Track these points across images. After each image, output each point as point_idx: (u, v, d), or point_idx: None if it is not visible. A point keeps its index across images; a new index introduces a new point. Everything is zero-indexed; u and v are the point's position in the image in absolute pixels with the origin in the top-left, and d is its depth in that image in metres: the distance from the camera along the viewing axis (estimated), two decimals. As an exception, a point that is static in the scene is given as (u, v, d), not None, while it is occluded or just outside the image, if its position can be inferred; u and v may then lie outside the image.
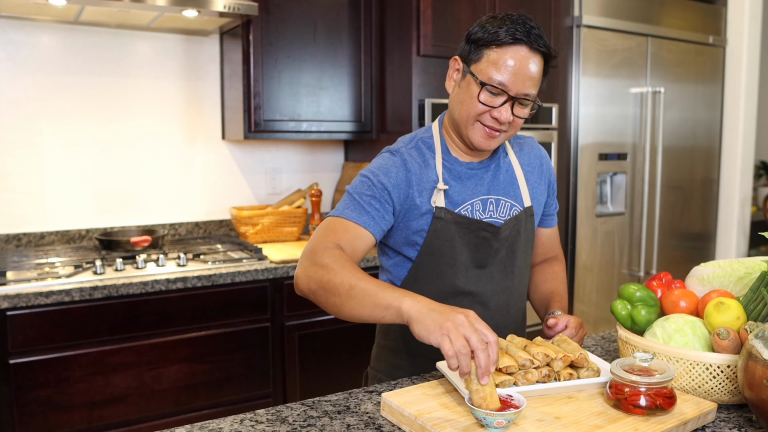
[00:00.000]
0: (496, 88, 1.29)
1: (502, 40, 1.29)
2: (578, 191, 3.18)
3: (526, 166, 1.49)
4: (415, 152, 1.40)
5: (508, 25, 1.29)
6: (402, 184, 1.35)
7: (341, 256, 1.20)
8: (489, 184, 1.42)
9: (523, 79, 1.29)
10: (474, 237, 1.39)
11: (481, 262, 1.40)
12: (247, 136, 2.63)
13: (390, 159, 1.38)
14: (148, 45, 2.77)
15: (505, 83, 1.29)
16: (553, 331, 1.37)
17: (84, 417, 2.11)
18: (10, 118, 2.55)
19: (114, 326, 2.13)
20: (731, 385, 1.14)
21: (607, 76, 3.23)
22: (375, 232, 1.32)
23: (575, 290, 3.22)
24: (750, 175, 3.90)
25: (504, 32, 1.28)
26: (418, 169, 1.37)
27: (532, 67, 1.29)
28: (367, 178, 1.35)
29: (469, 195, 1.40)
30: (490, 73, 1.29)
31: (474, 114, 1.33)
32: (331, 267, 1.17)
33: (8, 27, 2.51)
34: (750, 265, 1.32)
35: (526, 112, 1.34)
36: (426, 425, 1.03)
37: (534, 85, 1.31)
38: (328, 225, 1.30)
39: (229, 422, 1.12)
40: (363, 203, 1.32)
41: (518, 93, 1.30)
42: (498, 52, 1.29)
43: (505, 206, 1.43)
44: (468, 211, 1.39)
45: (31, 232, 2.61)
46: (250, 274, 2.33)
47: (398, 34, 2.73)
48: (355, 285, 1.13)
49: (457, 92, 1.37)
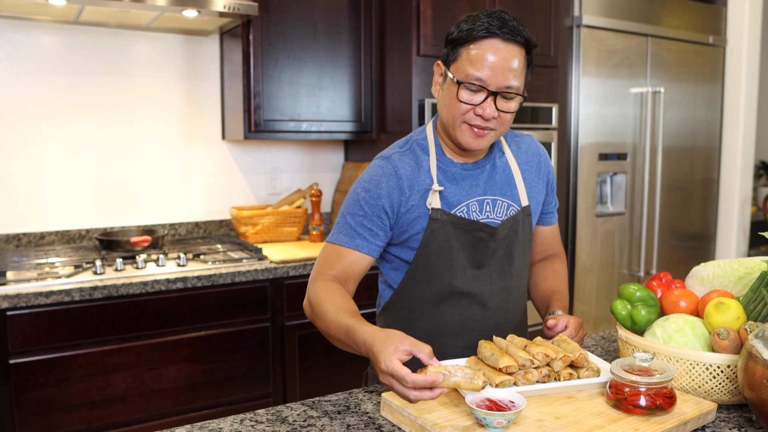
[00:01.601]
0: (475, 85, 1.28)
1: (475, 35, 1.27)
2: (578, 191, 3.18)
3: (523, 164, 1.47)
4: (408, 155, 1.39)
5: (482, 20, 1.28)
6: (394, 192, 1.35)
7: (327, 297, 1.28)
8: (485, 184, 1.41)
9: (502, 72, 1.27)
10: (471, 238, 1.38)
11: (479, 262, 1.40)
12: (247, 136, 2.63)
13: (380, 168, 1.37)
14: (148, 45, 2.77)
15: (483, 78, 1.27)
16: (553, 332, 1.37)
17: (84, 417, 2.11)
18: (10, 118, 2.55)
19: (114, 326, 2.13)
20: (731, 385, 1.14)
21: (607, 76, 3.23)
22: (371, 253, 1.36)
23: (575, 290, 3.22)
24: (750, 175, 3.90)
25: (477, 27, 1.27)
26: (411, 173, 1.37)
27: (510, 59, 1.27)
28: (359, 195, 1.36)
29: (464, 196, 1.38)
30: (467, 70, 1.28)
31: (458, 114, 1.31)
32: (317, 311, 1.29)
33: (8, 27, 2.51)
34: (750, 265, 1.32)
35: (512, 105, 1.32)
36: (426, 425, 1.03)
37: (515, 77, 1.29)
38: (325, 254, 1.38)
39: (229, 422, 1.12)
40: (355, 225, 1.35)
41: (499, 87, 1.28)
42: (473, 47, 1.28)
43: (502, 206, 1.41)
44: (464, 212, 1.38)
45: (31, 232, 2.61)
46: (250, 274, 2.33)
47: (398, 34, 2.73)
48: (329, 332, 1.25)
49: (442, 96, 1.36)
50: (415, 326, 1.41)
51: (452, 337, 1.40)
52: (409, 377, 1.00)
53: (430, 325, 1.41)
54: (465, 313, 1.40)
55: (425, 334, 1.40)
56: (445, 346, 1.40)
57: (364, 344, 1.12)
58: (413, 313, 1.42)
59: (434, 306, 1.40)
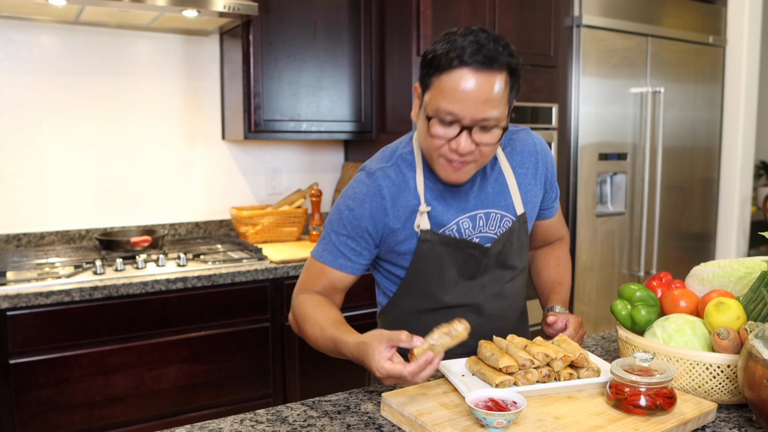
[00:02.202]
0: (446, 120, 1.17)
1: (443, 65, 1.15)
2: (578, 191, 3.18)
3: (518, 168, 1.39)
4: (393, 172, 1.31)
5: (457, 42, 1.15)
6: (378, 214, 1.29)
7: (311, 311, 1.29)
8: (476, 198, 1.34)
9: (476, 104, 1.15)
10: (462, 254, 1.34)
11: (471, 274, 1.37)
12: (247, 136, 2.63)
13: (365, 186, 1.31)
14: (148, 45, 2.77)
15: (455, 112, 1.16)
16: (552, 329, 1.37)
17: (84, 417, 2.11)
18: (10, 118, 2.55)
19: (114, 326, 2.13)
20: (731, 385, 1.14)
21: (607, 76, 3.23)
22: (354, 272, 1.34)
23: (575, 290, 3.22)
24: (750, 175, 3.90)
25: (450, 54, 1.15)
26: (396, 192, 1.30)
27: (486, 89, 1.14)
28: (342, 213, 1.31)
29: (454, 214, 1.32)
30: (439, 103, 1.17)
31: (433, 149, 1.22)
32: (302, 327, 1.30)
33: (8, 27, 2.51)
34: (750, 265, 1.32)
35: (491, 137, 1.19)
36: (426, 425, 1.03)
37: (493, 107, 1.16)
38: (309, 269, 1.37)
39: (229, 422, 1.12)
40: (339, 244, 1.32)
41: (475, 120, 1.16)
42: (444, 77, 1.16)
43: (496, 218, 1.36)
44: (454, 230, 1.32)
45: (31, 232, 2.61)
46: (250, 274, 2.33)
47: (398, 34, 2.73)
48: (318, 345, 1.27)
49: (419, 124, 1.26)
50: (411, 331, 1.41)
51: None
52: (406, 371, 1.06)
53: (426, 332, 1.40)
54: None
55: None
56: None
57: (353, 357, 1.16)
58: (409, 319, 1.41)
59: (429, 315, 1.39)
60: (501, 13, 2.79)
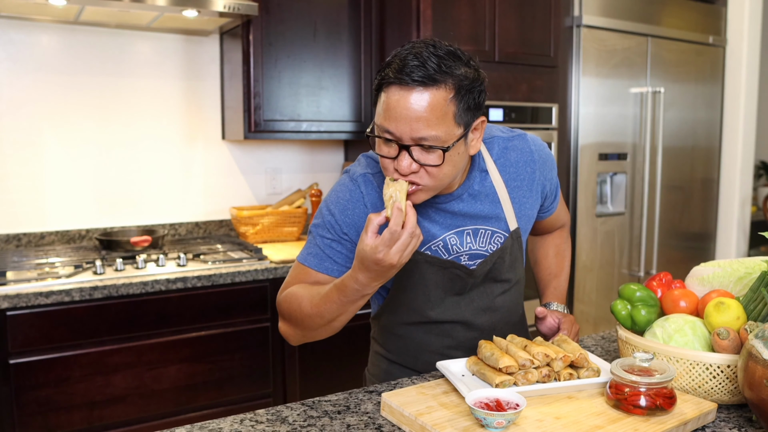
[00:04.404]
0: (386, 137, 1.12)
1: (381, 81, 1.12)
2: (578, 191, 3.18)
3: (511, 180, 1.33)
4: (377, 180, 1.27)
5: (393, 60, 1.11)
6: (360, 222, 1.26)
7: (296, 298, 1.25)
8: (463, 215, 1.29)
9: (408, 123, 1.09)
10: (447, 273, 1.31)
11: (459, 291, 1.34)
12: (247, 136, 2.63)
13: (349, 192, 1.27)
14: (148, 45, 2.77)
15: (390, 130, 1.11)
16: (543, 326, 1.40)
17: (84, 417, 2.11)
18: (10, 118, 2.55)
19: (114, 326, 2.13)
20: (731, 385, 1.14)
21: (607, 76, 3.23)
22: (341, 275, 1.27)
23: (575, 290, 3.22)
24: (750, 175, 3.90)
25: (386, 71, 1.11)
26: (378, 201, 1.26)
27: (416, 107, 1.08)
28: (325, 217, 1.28)
29: (439, 230, 1.28)
30: (380, 120, 1.13)
31: (383, 168, 1.17)
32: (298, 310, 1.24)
33: (8, 27, 2.51)
34: (750, 265, 1.32)
35: (434, 158, 1.12)
36: (426, 425, 1.03)
37: (430, 126, 1.09)
38: (295, 273, 1.31)
39: (229, 422, 1.12)
40: (323, 248, 1.27)
41: (412, 138, 1.10)
42: (382, 95, 1.12)
43: (486, 234, 1.31)
44: (440, 246, 1.29)
45: (31, 232, 2.61)
46: (250, 274, 2.33)
47: (398, 34, 2.73)
48: (321, 311, 1.20)
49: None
50: (402, 341, 1.41)
51: (438, 356, 1.38)
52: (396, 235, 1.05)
53: (415, 344, 1.40)
54: (448, 334, 1.38)
55: (411, 350, 1.40)
56: (435, 357, 1.38)
57: (357, 279, 1.11)
58: (399, 329, 1.41)
59: (417, 327, 1.38)
60: (501, 13, 2.79)
